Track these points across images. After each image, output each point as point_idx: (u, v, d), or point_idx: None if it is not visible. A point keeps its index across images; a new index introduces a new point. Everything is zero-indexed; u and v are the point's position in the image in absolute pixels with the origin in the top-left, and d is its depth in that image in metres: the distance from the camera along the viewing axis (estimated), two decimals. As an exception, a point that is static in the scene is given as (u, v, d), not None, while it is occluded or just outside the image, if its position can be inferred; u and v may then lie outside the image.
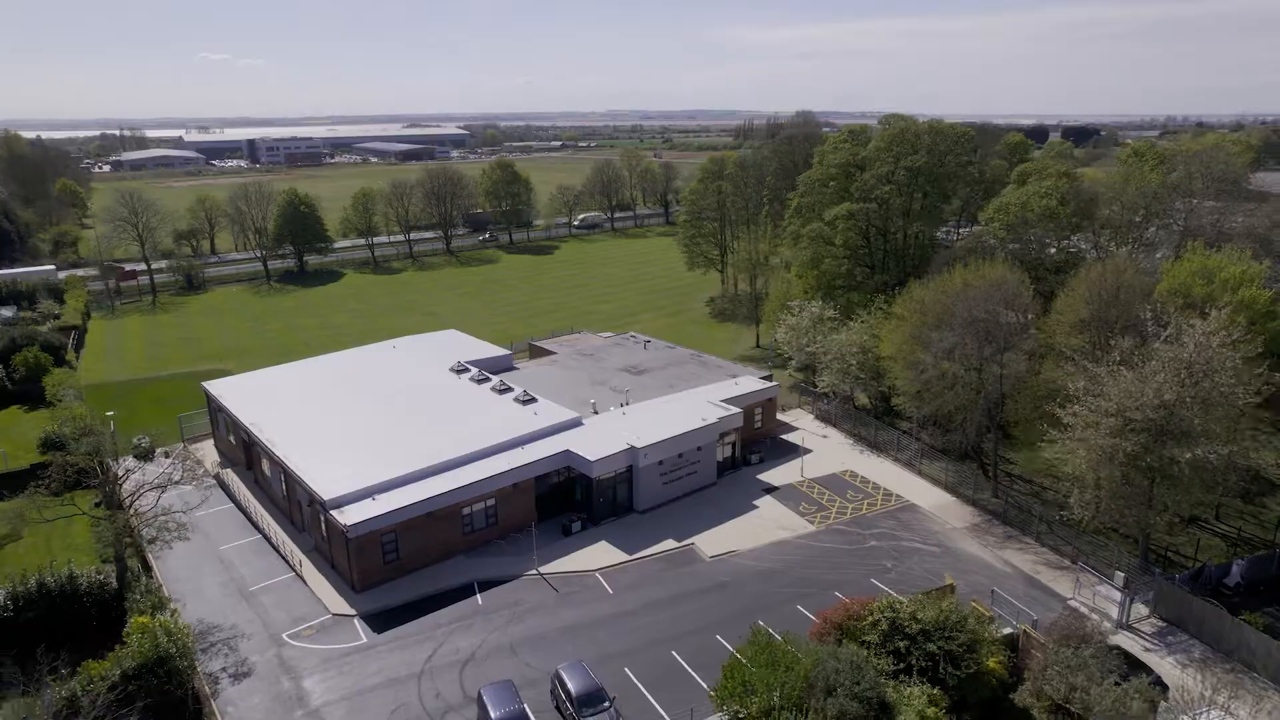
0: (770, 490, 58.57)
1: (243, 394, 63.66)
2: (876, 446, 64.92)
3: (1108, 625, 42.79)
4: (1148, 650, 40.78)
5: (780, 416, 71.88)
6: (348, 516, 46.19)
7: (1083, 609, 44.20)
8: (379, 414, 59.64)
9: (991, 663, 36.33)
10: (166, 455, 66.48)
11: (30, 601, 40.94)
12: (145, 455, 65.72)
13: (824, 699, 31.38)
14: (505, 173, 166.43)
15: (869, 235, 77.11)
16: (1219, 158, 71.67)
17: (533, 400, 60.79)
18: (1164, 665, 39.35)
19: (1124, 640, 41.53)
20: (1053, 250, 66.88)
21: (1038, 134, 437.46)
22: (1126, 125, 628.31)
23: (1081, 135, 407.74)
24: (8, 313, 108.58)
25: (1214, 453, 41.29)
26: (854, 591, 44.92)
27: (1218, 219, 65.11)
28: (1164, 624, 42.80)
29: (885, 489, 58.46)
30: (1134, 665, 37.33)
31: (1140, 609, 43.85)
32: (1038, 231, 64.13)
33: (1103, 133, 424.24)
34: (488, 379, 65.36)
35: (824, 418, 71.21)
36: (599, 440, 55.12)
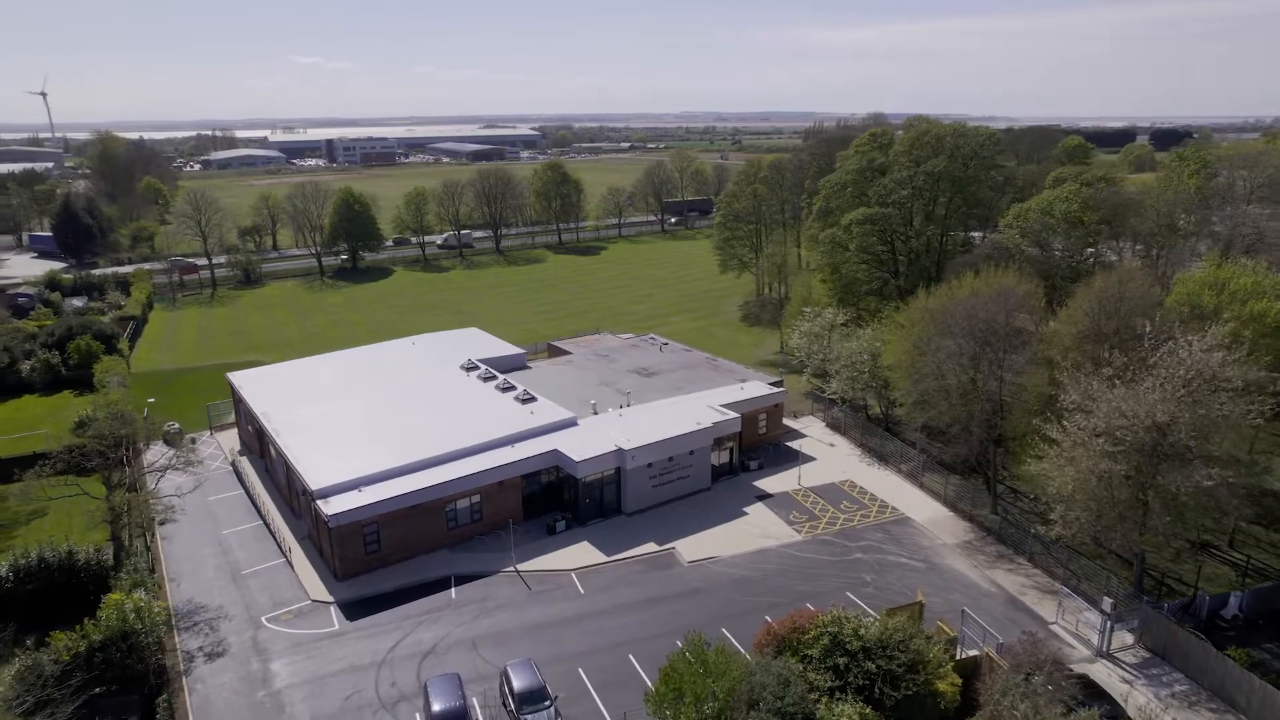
0: (764, 497, 57.86)
1: (260, 385, 66.32)
2: (882, 457, 63.39)
3: (1087, 652, 40.93)
4: (1124, 681, 38.80)
5: (791, 423, 70.90)
6: (331, 506, 47.69)
7: (1064, 634, 42.43)
8: (383, 408, 61.29)
9: (943, 685, 35.16)
10: (193, 441, 69.94)
11: (30, 574, 43.61)
12: (173, 441, 69.22)
13: (746, 712, 30.96)
14: (555, 174, 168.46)
15: (892, 240, 75.31)
16: (1270, 161, 67.13)
17: (532, 399, 61.54)
18: (1136, 697, 37.41)
19: (1101, 669, 39.66)
20: (1081, 257, 63.90)
21: (1125, 137, 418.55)
22: (1226, 127, 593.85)
23: (1172, 138, 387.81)
24: (78, 302, 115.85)
25: (1211, 479, 38.71)
26: (826, 604, 43.71)
27: (1259, 227, 61.11)
28: (1148, 654, 40.63)
29: (882, 501, 57.06)
30: (1097, 695, 35.65)
31: (1126, 637, 41.75)
32: (1059, 238, 61.40)
33: (1195, 135, 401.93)
34: (494, 377, 66.43)
35: (834, 426, 69.90)
36: (589, 441, 55.42)
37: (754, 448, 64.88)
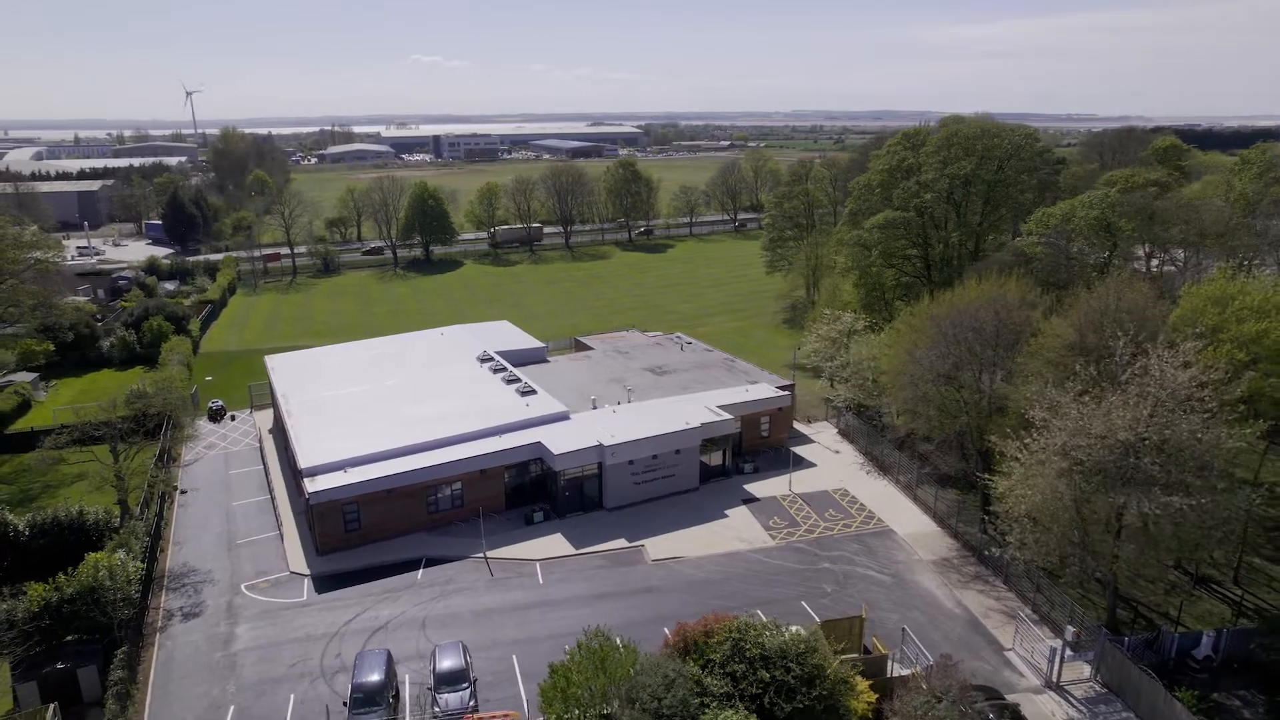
0: (750, 501, 57.23)
1: (288, 367, 70.43)
2: (884, 467, 61.48)
3: (1036, 681, 38.83)
4: (1068, 717, 36.60)
5: (803, 428, 69.72)
6: (314, 484, 50.42)
7: (1018, 661, 40.38)
8: (391, 393, 63.98)
9: (854, 703, 34.24)
10: (233, 418, 75.00)
11: (44, 530, 48.18)
12: (216, 417, 74.51)
13: (625, 709, 31.14)
14: (626, 171, 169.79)
15: (926, 244, 72.63)
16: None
17: (532, 392, 62.89)
18: (1072, 734, 35.30)
19: (1047, 700, 37.59)
20: (1111, 265, 59.88)
21: (1271, 137, 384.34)
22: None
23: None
24: (170, 286, 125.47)
25: (1171, 506, 35.63)
26: (778, 611, 43.37)
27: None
28: (1103, 689, 38.17)
29: (870, 511, 55.44)
30: (1018, 727, 33.86)
31: (1086, 669, 39.33)
32: (1082, 244, 57.69)
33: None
34: (504, 369, 68.18)
35: (845, 433, 68.23)
36: (574, 436, 56.24)
37: (755, 450, 64.14)
